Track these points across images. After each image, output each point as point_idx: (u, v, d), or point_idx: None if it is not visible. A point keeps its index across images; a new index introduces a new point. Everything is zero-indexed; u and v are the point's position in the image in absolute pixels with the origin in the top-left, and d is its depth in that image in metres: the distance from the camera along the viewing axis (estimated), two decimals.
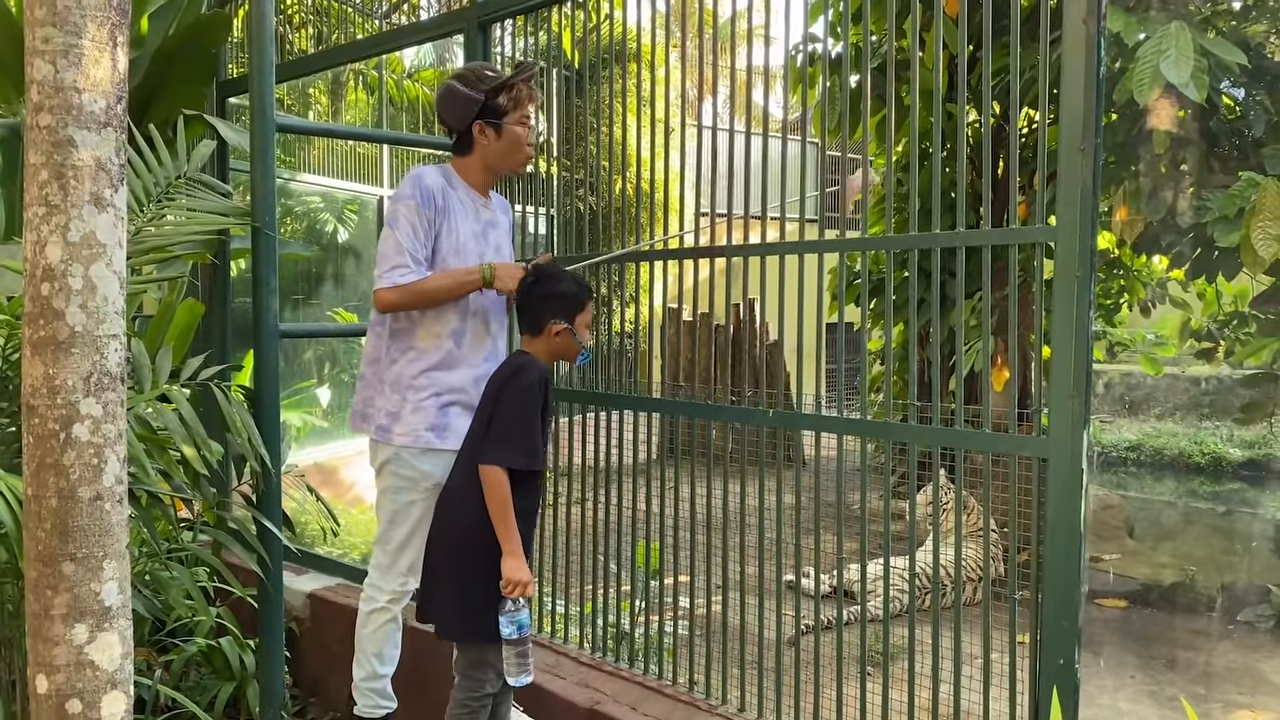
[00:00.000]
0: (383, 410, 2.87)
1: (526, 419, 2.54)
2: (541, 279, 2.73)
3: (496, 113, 2.88)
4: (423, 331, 2.85)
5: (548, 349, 2.71)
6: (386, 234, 2.81)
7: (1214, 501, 8.85)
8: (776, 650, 2.96)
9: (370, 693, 2.88)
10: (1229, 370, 8.39)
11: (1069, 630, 2.23)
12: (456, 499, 2.65)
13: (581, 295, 2.72)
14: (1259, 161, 4.86)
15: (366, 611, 2.90)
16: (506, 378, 2.62)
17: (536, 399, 2.57)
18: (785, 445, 3.01)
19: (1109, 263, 6.67)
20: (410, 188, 2.84)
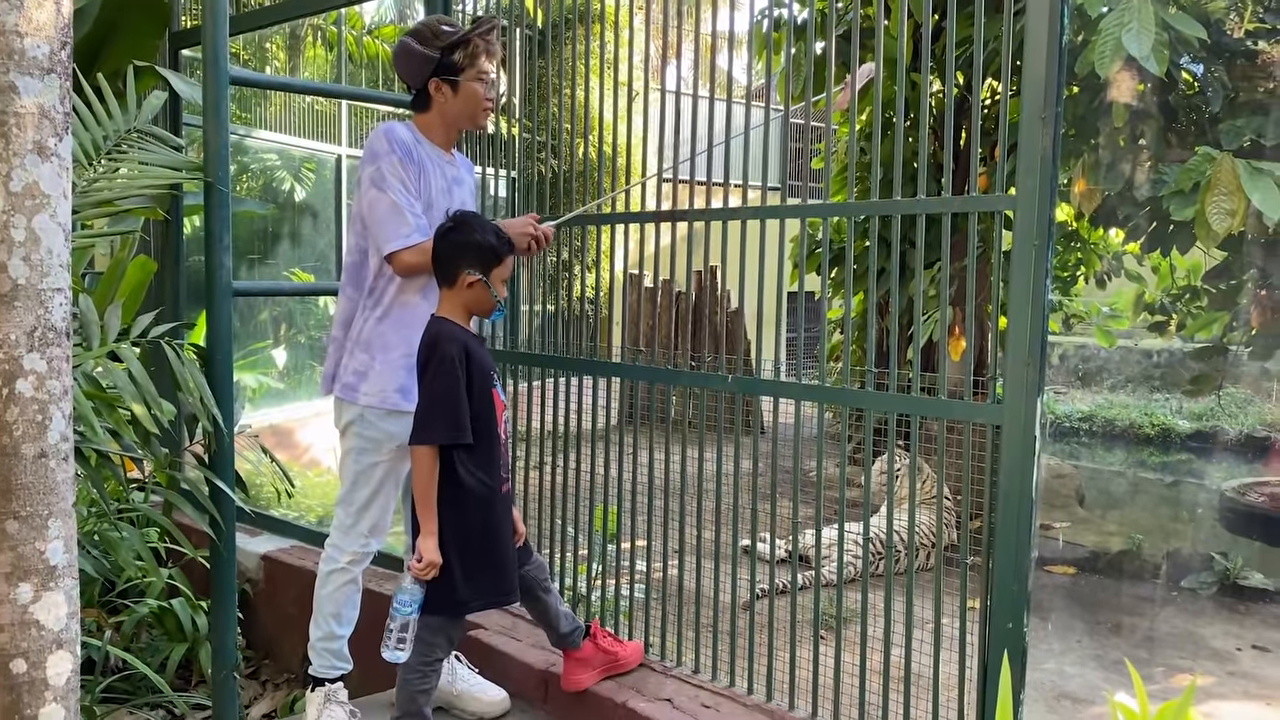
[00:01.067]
0: (350, 369, 2.83)
1: (446, 393, 2.48)
2: (459, 226, 2.59)
3: (453, 69, 2.82)
4: (395, 290, 2.81)
5: (462, 303, 2.59)
6: (377, 196, 2.73)
7: (1162, 472, 9.04)
8: (731, 614, 2.99)
9: (326, 653, 2.87)
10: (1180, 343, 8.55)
11: (1018, 594, 2.27)
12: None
13: (500, 248, 2.60)
14: (1215, 137, 4.92)
15: (326, 571, 2.88)
16: (426, 352, 2.54)
17: (455, 370, 2.49)
18: (744, 411, 3.02)
19: (1066, 235, 6.74)
20: (385, 143, 2.77)
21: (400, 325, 2.81)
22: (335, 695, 2.85)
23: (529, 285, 4.47)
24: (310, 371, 7.42)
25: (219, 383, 3.11)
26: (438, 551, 2.49)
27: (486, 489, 2.55)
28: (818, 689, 2.75)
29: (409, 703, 2.56)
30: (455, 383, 2.49)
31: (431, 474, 2.48)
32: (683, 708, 2.80)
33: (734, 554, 3.09)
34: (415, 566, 2.48)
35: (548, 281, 4.26)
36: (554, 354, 3.49)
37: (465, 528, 2.54)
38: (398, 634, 2.48)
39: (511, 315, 3.96)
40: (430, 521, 2.49)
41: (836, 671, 2.69)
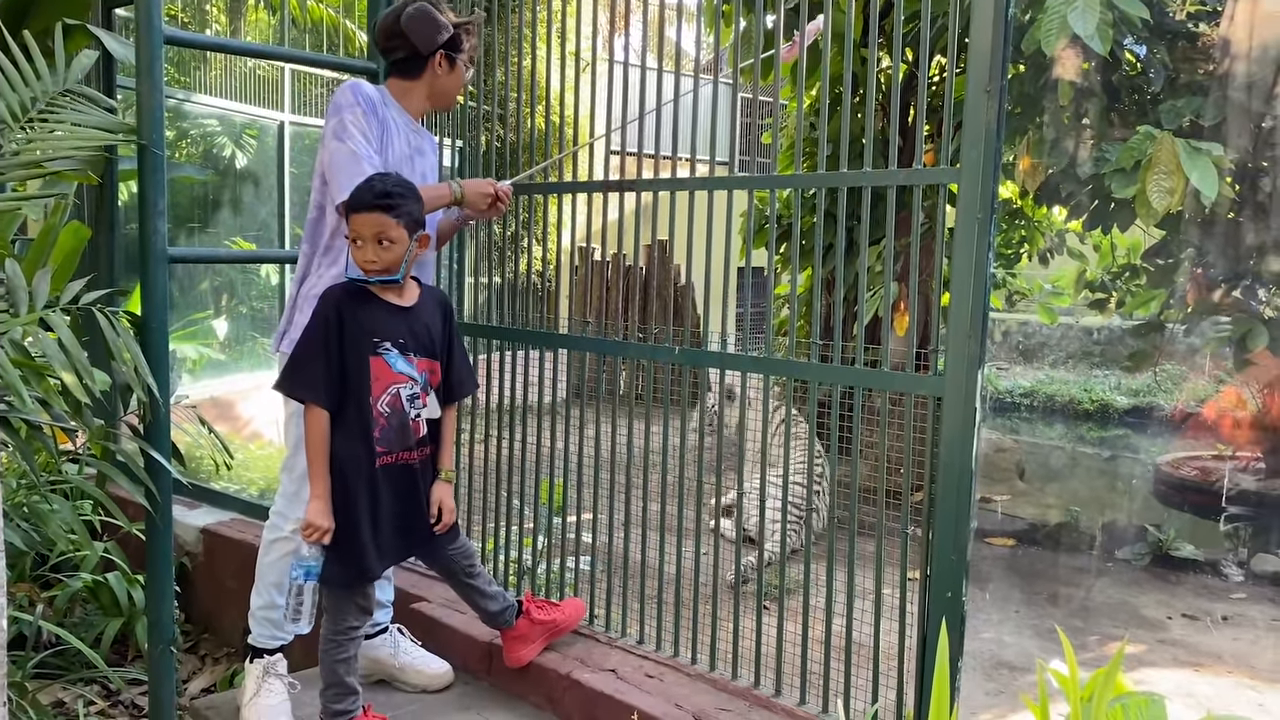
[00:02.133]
0: (298, 325, 2.76)
1: (303, 349, 2.49)
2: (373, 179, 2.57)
3: (458, 48, 2.91)
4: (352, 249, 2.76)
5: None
6: (337, 146, 2.70)
7: (1100, 446, 9.25)
8: (676, 585, 3.00)
9: (266, 622, 2.83)
10: (1119, 320, 8.73)
11: (957, 564, 2.30)
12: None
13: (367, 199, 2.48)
14: (1156, 117, 5.00)
15: (270, 540, 2.84)
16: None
17: (319, 330, 2.47)
18: (692, 383, 3.02)
19: (1011, 213, 6.83)
20: (351, 95, 2.75)
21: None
22: (274, 667, 2.81)
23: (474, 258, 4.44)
24: (252, 343, 7.30)
25: (154, 351, 3.03)
26: (323, 515, 2.45)
27: (354, 461, 2.50)
28: (760, 659, 2.77)
29: (330, 674, 2.53)
30: (315, 340, 2.47)
31: (321, 434, 2.46)
32: (627, 678, 2.81)
33: (679, 525, 3.10)
34: (304, 531, 2.45)
35: (496, 254, 4.22)
36: (501, 325, 3.46)
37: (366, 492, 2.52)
38: (293, 603, 2.45)
39: (458, 286, 3.92)
40: (317, 483, 2.47)
41: (779, 641, 2.71)
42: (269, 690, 2.76)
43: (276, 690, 2.77)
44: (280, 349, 2.85)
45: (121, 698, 3.53)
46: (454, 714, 2.87)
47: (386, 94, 2.89)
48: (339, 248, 2.79)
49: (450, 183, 2.92)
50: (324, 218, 2.83)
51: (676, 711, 2.62)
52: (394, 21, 2.87)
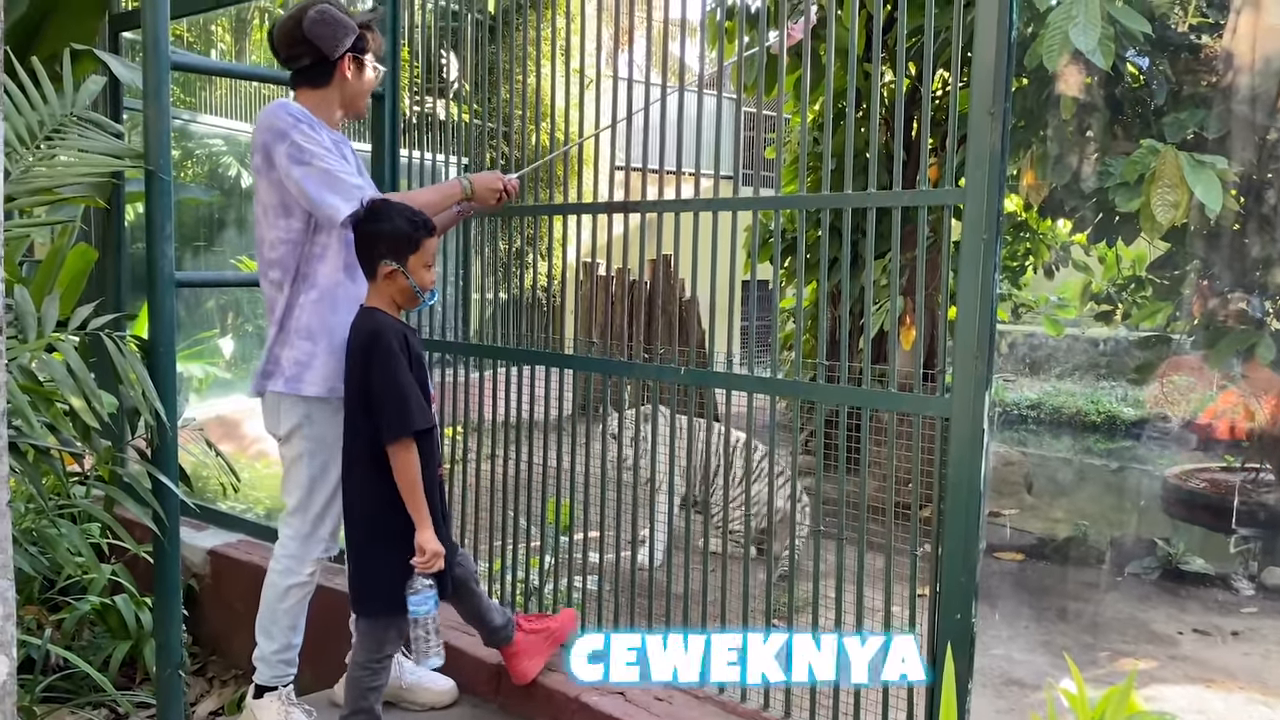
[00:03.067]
0: (291, 360, 2.72)
1: (405, 381, 2.46)
2: (370, 215, 2.53)
3: (364, 48, 2.77)
4: (327, 270, 2.72)
5: (387, 294, 2.55)
6: (304, 172, 2.59)
7: (1108, 458, 9.21)
8: (685, 605, 2.99)
9: (280, 664, 2.79)
10: (1126, 332, 8.71)
11: (966, 585, 2.29)
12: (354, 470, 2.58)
13: (416, 234, 2.52)
14: (1160, 130, 5.00)
15: (285, 586, 2.76)
16: (367, 346, 2.48)
17: (401, 358, 2.47)
18: (697, 401, 3.02)
19: (1016, 225, 6.82)
20: (288, 116, 2.65)
21: (336, 306, 2.72)
22: (290, 697, 2.79)
23: (480, 274, 4.43)
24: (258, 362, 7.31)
25: (161, 375, 3.03)
26: (437, 540, 2.48)
27: (427, 480, 2.52)
28: None
29: (359, 699, 2.53)
30: (407, 371, 2.46)
31: (416, 470, 2.45)
32: (635, 700, 2.80)
33: (687, 543, 3.09)
34: (419, 562, 2.45)
35: (500, 270, 4.22)
36: (506, 345, 3.46)
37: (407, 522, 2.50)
38: (427, 639, 2.48)
39: (463, 304, 3.93)
40: (424, 514, 2.46)
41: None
42: (293, 718, 2.75)
43: (299, 716, 2.76)
44: (270, 390, 2.75)
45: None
46: None
47: (304, 108, 2.74)
48: (312, 271, 2.73)
49: (460, 179, 2.89)
50: (296, 247, 2.73)
51: None
52: (295, 27, 2.70)
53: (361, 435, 2.51)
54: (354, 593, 2.63)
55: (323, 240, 2.73)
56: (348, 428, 2.58)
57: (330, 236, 2.72)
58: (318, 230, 2.72)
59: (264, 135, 2.68)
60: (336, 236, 2.72)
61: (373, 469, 2.49)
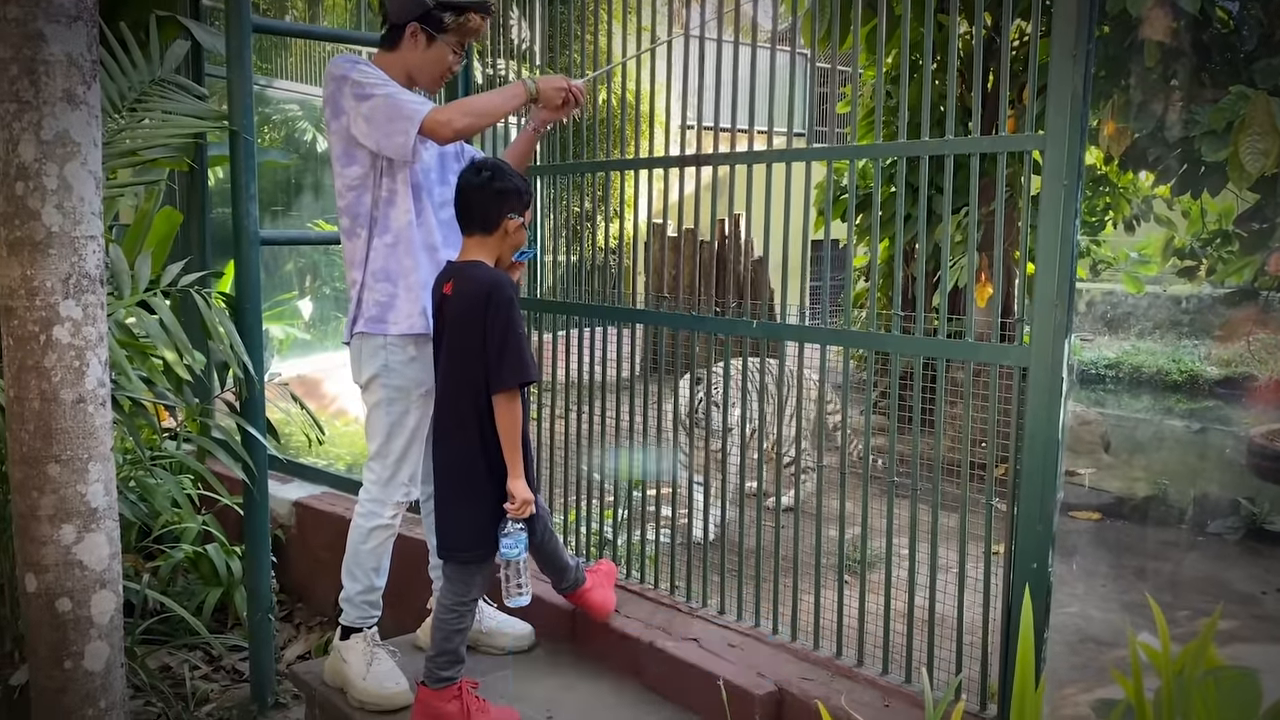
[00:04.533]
0: (372, 303, 2.78)
1: (521, 334, 2.54)
2: (497, 172, 2.62)
3: (437, 24, 2.79)
4: (395, 214, 2.77)
5: (499, 248, 2.65)
6: (371, 105, 2.65)
7: (1189, 419, 8.97)
8: (757, 558, 3.02)
9: (365, 604, 2.89)
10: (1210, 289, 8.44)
11: (1043, 535, 2.28)
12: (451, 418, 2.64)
13: (528, 192, 2.69)
14: (1250, 76, 4.82)
15: (369, 528, 2.85)
16: (488, 294, 2.52)
17: (518, 312, 2.55)
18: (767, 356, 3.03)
19: (1095, 179, 6.65)
20: (343, 63, 2.74)
21: (411, 249, 2.78)
22: (374, 639, 2.89)
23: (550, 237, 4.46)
24: (336, 323, 7.47)
25: (248, 330, 3.15)
26: (529, 487, 2.58)
27: (526, 429, 2.63)
28: (842, 630, 2.78)
29: (445, 641, 2.61)
30: (522, 323, 2.57)
31: (518, 416, 2.55)
32: (709, 646, 2.84)
33: (759, 499, 3.12)
34: (511, 508, 2.56)
35: (570, 231, 4.25)
36: (578, 301, 3.50)
37: (495, 469, 2.59)
38: (516, 580, 2.60)
39: (535, 264, 3.97)
40: (519, 462, 2.57)
41: (861, 614, 2.72)
42: (379, 659, 2.84)
43: (383, 659, 2.85)
44: (356, 332, 2.82)
45: (223, 663, 3.69)
46: (542, 679, 2.94)
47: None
48: (384, 216, 2.78)
49: (525, 80, 2.86)
50: (365, 192, 2.78)
51: (759, 679, 2.65)
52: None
53: (467, 383, 2.57)
54: (443, 538, 2.71)
55: (388, 185, 2.77)
56: (449, 375, 2.63)
57: (395, 180, 2.76)
58: (382, 175, 2.77)
59: (329, 87, 2.76)
60: (401, 180, 2.76)
61: (473, 417, 2.56)
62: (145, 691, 3.21)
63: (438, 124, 2.67)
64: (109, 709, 2.22)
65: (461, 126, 2.72)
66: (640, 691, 2.87)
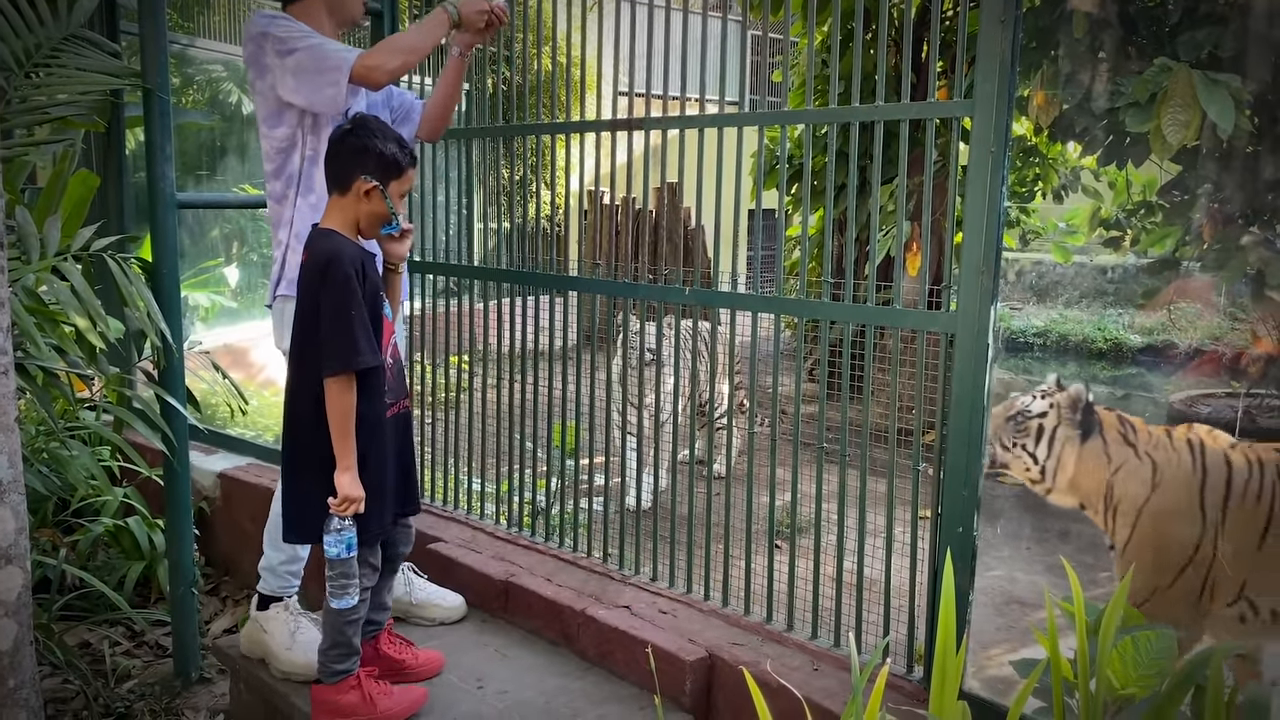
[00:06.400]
0: (294, 265, 2.67)
1: (356, 315, 2.31)
2: (359, 128, 2.39)
3: None
4: (318, 173, 2.67)
5: (354, 213, 2.41)
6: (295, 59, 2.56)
7: (1113, 385, 9.22)
8: (689, 525, 3.03)
9: (287, 574, 2.83)
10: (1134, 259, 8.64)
11: (968, 499, 2.32)
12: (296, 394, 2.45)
13: (402, 160, 2.42)
14: (1174, 49, 4.89)
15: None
16: (322, 270, 2.33)
17: (356, 289, 2.32)
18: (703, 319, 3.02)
19: (1025, 150, 6.73)
20: (259, 19, 2.65)
21: None
22: (295, 607, 2.85)
23: (483, 203, 4.39)
24: (263, 290, 7.30)
25: (166, 297, 3.04)
26: (358, 485, 2.35)
27: (374, 415, 2.41)
28: (772, 595, 2.80)
29: (337, 634, 2.47)
30: (359, 303, 2.33)
31: (347, 406, 2.33)
32: (641, 614, 2.85)
33: (691, 467, 3.12)
34: (334, 504, 2.34)
35: (504, 198, 4.20)
36: (512, 269, 3.45)
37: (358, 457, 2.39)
38: (339, 580, 2.37)
39: (467, 231, 3.91)
40: (348, 455, 2.34)
41: (790, 578, 2.74)
42: (303, 628, 2.79)
43: (308, 626, 2.80)
44: (278, 295, 2.75)
45: (146, 638, 3.60)
46: (472, 649, 2.92)
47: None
48: (308, 174, 2.71)
49: (445, 5, 2.75)
50: (293, 152, 2.72)
51: (690, 645, 2.66)
52: None
53: (307, 360, 2.39)
54: (284, 519, 2.50)
55: (313, 143, 2.71)
56: (293, 349, 2.45)
57: (320, 139, 2.69)
58: (306, 133, 2.71)
59: (249, 47, 2.67)
60: (325, 138, 2.65)
61: (315, 397, 2.37)
62: (63, 669, 3.12)
63: (368, 69, 2.59)
64: (18, 688, 2.15)
65: (394, 67, 2.63)
66: (572, 660, 2.87)
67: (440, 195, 3.73)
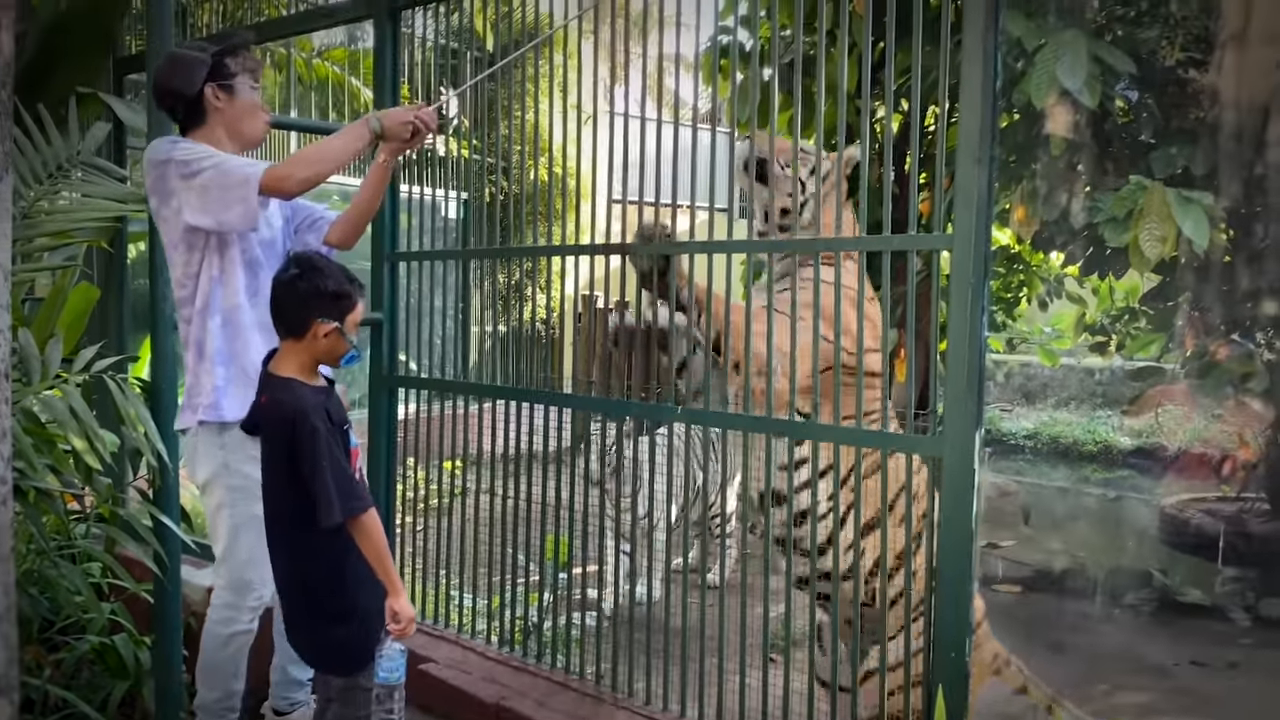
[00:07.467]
0: (209, 387, 2.67)
1: (326, 464, 2.28)
2: (307, 271, 2.35)
3: (226, 73, 2.71)
4: (224, 293, 2.70)
5: (312, 355, 2.38)
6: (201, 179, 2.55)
7: (1105, 488, 9.21)
8: (683, 640, 3.00)
9: (224, 710, 2.75)
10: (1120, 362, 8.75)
11: (960, 624, 2.31)
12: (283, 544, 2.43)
13: (353, 292, 2.39)
14: (1148, 165, 5.06)
15: (227, 634, 2.73)
16: (290, 430, 2.30)
17: (331, 440, 2.31)
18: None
19: (1009, 257, 6.88)
20: (161, 146, 2.67)
21: (240, 331, 2.72)
22: None
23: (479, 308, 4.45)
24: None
25: (163, 415, 3.07)
26: (410, 605, 2.38)
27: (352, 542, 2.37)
28: (767, 715, 2.77)
29: None
30: (334, 450, 2.31)
31: (378, 536, 2.34)
32: None
33: (684, 579, 3.11)
34: (395, 629, 2.34)
35: (499, 304, 4.26)
36: (505, 385, 3.48)
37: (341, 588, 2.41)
38: (389, 704, 2.35)
39: (463, 338, 3.95)
40: (396, 579, 2.38)
41: (785, 697, 2.71)
42: None
43: None
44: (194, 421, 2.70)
45: None
46: None
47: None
48: (209, 293, 2.70)
49: (368, 117, 2.73)
50: (200, 274, 2.71)
51: None
52: (155, 84, 2.79)
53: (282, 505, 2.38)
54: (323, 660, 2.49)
55: (219, 263, 2.70)
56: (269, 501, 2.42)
57: (225, 259, 2.70)
58: (212, 253, 2.70)
59: (151, 174, 2.69)
60: (230, 258, 2.70)
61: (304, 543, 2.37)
62: None
63: (278, 179, 2.57)
64: None
65: (304, 177, 2.61)
66: None
67: (436, 299, 3.74)
